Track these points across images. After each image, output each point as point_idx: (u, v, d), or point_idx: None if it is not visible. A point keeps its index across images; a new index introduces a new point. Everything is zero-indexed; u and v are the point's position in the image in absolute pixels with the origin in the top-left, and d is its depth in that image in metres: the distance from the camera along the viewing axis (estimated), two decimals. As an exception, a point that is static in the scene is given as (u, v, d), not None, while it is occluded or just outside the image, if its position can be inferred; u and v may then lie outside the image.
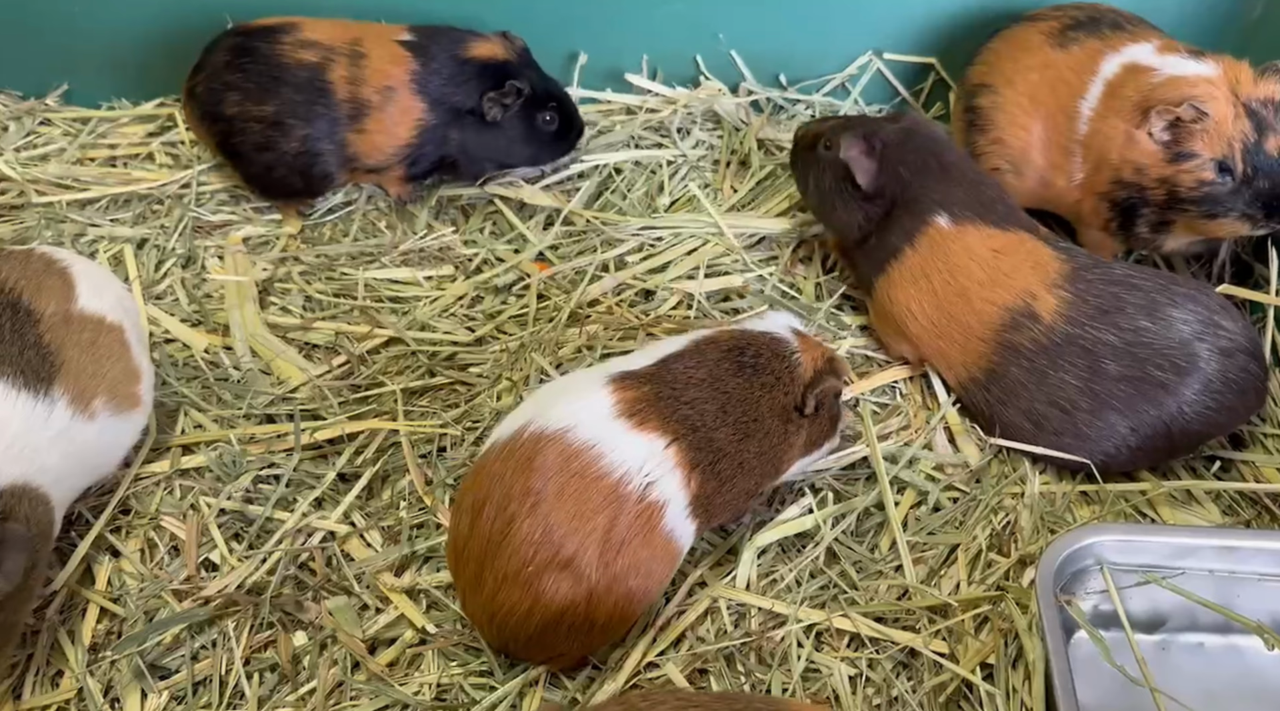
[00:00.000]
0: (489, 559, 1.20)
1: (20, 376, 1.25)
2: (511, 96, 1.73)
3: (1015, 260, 1.48)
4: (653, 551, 1.23)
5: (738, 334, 1.32)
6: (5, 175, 1.84)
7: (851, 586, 1.35)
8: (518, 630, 1.22)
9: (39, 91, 1.98)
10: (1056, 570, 1.21)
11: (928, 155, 1.56)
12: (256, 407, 1.52)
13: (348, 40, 1.73)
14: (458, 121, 1.75)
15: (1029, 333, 1.45)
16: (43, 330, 1.30)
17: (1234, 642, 1.30)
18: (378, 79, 1.71)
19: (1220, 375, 1.40)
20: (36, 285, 1.34)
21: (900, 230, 1.54)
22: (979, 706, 1.23)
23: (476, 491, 1.22)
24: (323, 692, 1.25)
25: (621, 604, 1.22)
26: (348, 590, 1.34)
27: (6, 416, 1.23)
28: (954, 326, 1.50)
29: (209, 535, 1.39)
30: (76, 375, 1.31)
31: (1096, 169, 1.62)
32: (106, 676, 1.27)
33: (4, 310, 1.29)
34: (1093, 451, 1.42)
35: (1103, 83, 1.62)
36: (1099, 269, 1.47)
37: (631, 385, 1.26)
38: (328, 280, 1.73)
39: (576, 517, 1.18)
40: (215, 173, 1.87)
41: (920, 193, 1.54)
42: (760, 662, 1.29)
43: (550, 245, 1.78)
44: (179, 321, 1.65)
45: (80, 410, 1.30)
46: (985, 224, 1.51)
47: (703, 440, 1.26)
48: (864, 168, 1.56)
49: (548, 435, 1.20)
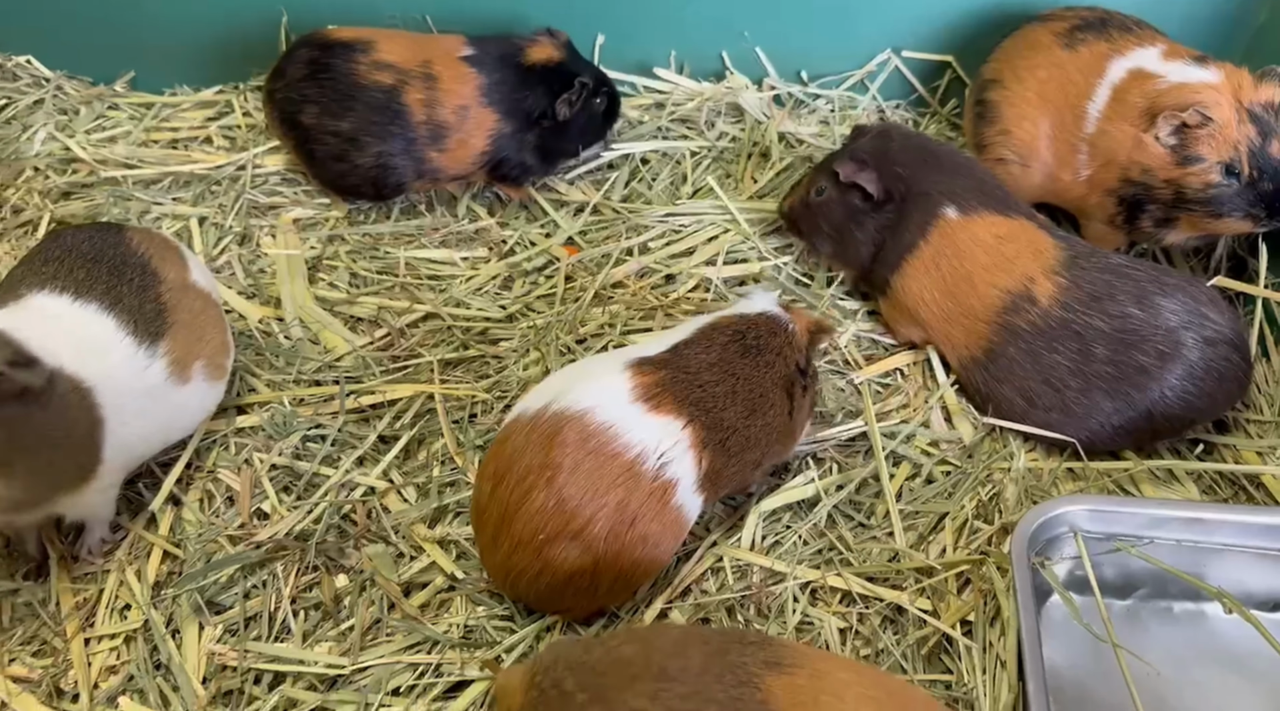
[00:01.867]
0: (505, 524, 1.30)
1: (134, 324, 1.38)
2: (579, 94, 1.84)
3: (1017, 246, 1.56)
4: (663, 525, 1.32)
5: (738, 318, 1.41)
6: (76, 155, 1.98)
7: (847, 548, 1.46)
8: (528, 588, 1.34)
9: (108, 78, 2.12)
10: (1032, 536, 1.31)
11: (913, 148, 1.66)
12: (305, 374, 1.66)
13: (419, 62, 1.82)
14: (532, 125, 1.86)
15: (1026, 315, 1.53)
16: (163, 291, 1.44)
17: (1201, 608, 1.39)
18: (451, 100, 1.82)
19: (1203, 363, 1.48)
20: (160, 254, 1.48)
21: (914, 226, 1.62)
22: (957, 658, 1.33)
23: (499, 461, 1.32)
24: (360, 629, 1.38)
25: (627, 572, 1.32)
26: (385, 539, 1.47)
27: (107, 348, 1.35)
28: (959, 310, 1.59)
29: (261, 487, 1.52)
30: (183, 337, 1.44)
31: (1104, 167, 1.69)
32: (168, 610, 1.40)
33: (135, 268, 1.43)
34: (1079, 428, 1.51)
35: (1110, 87, 1.69)
36: (1095, 257, 1.55)
37: (649, 371, 1.35)
38: (371, 258, 1.85)
39: (590, 492, 1.27)
40: (269, 156, 2.00)
41: (925, 184, 1.62)
42: (759, 614, 1.40)
43: (579, 230, 1.90)
44: (235, 294, 1.78)
45: (178, 371, 1.42)
46: (990, 212, 1.59)
47: (714, 420, 1.36)
48: (868, 178, 1.64)
49: (569, 415, 1.30)
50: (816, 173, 1.75)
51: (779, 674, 1.02)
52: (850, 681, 1.03)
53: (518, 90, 1.84)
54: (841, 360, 1.70)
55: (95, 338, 1.35)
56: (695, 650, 1.06)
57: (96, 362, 1.33)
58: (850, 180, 1.65)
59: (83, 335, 1.34)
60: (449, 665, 1.35)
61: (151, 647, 1.37)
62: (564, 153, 1.93)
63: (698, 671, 1.03)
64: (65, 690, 1.35)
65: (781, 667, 1.03)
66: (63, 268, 1.40)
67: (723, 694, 1.01)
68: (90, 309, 1.37)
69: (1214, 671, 1.34)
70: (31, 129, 2.02)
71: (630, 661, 1.05)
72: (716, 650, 1.06)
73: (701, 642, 1.07)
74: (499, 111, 1.84)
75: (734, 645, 1.07)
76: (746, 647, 1.06)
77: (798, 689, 1.01)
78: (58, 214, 1.88)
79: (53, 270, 1.40)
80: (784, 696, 1.00)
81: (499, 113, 1.84)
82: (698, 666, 1.04)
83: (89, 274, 1.40)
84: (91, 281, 1.39)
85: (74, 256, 1.42)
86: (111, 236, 1.47)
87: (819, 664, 1.05)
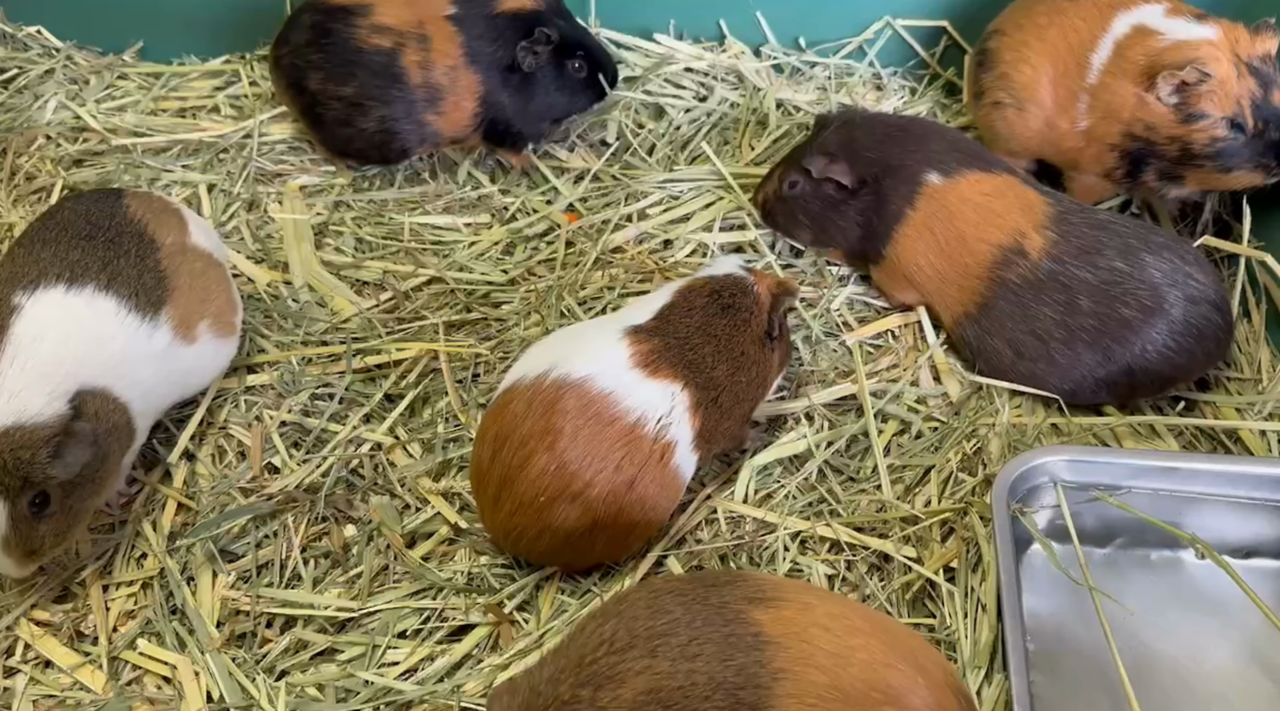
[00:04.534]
0: (507, 486, 1.35)
1: (134, 297, 1.42)
2: (541, 43, 1.82)
3: (1006, 202, 1.59)
4: (661, 486, 1.38)
5: (709, 280, 1.45)
6: (87, 124, 2.03)
7: (836, 501, 1.51)
8: (529, 547, 1.39)
9: (117, 48, 2.15)
10: (1012, 485, 1.36)
11: (878, 129, 1.69)
12: (313, 335, 1.71)
13: (414, 24, 1.83)
14: (506, 82, 1.84)
15: (1017, 268, 1.56)
16: (161, 257, 1.48)
17: (1178, 556, 1.44)
18: (443, 60, 1.82)
19: (1184, 320, 1.52)
20: (158, 219, 1.51)
21: (898, 198, 1.64)
22: (940, 603, 1.39)
23: (500, 425, 1.37)
24: (369, 576, 1.43)
25: (625, 532, 1.37)
26: (391, 492, 1.53)
27: (111, 332, 1.40)
28: (954, 269, 1.62)
29: (272, 442, 1.57)
30: (186, 300, 1.48)
31: (1104, 120, 1.69)
32: (183, 559, 1.46)
33: (131, 237, 1.47)
34: (1062, 379, 1.55)
35: (1113, 41, 1.69)
36: (1083, 213, 1.59)
37: (644, 338, 1.39)
38: (376, 224, 1.90)
39: (590, 456, 1.32)
40: (275, 124, 2.04)
41: (899, 158, 1.65)
42: (750, 562, 1.45)
43: (580, 197, 1.94)
44: (244, 258, 1.83)
45: (184, 333, 1.47)
46: (972, 170, 1.62)
47: (706, 380, 1.41)
48: (840, 171, 1.67)
49: (570, 383, 1.34)
50: (786, 166, 1.76)
51: (764, 608, 1.07)
52: (836, 613, 1.07)
53: (491, 43, 1.83)
54: (836, 324, 1.74)
55: (100, 326, 1.39)
56: (672, 603, 1.08)
57: (108, 353, 1.39)
58: (823, 176, 1.68)
59: (90, 331, 1.38)
60: (453, 610, 1.41)
61: (167, 593, 1.43)
62: (542, 111, 1.90)
63: (686, 621, 1.06)
64: (85, 633, 1.41)
65: (765, 602, 1.07)
66: (59, 250, 1.42)
67: (716, 633, 1.04)
68: (88, 294, 1.40)
69: (1190, 616, 1.39)
70: (43, 98, 2.06)
71: (613, 637, 1.06)
72: (695, 598, 1.08)
73: (676, 595, 1.09)
74: (479, 70, 1.83)
75: (711, 589, 1.09)
76: (724, 588, 1.09)
77: (786, 621, 1.06)
78: (70, 181, 1.92)
79: (50, 253, 1.42)
80: (774, 628, 1.05)
81: (480, 72, 1.83)
82: (683, 616, 1.06)
83: (84, 253, 1.42)
84: (87, 262, 1.42)
85: (70, 235, 1.44)
86: (109, 205, 1.50)
87: (805, 597, 1.09)
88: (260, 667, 1.36)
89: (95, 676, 1.37)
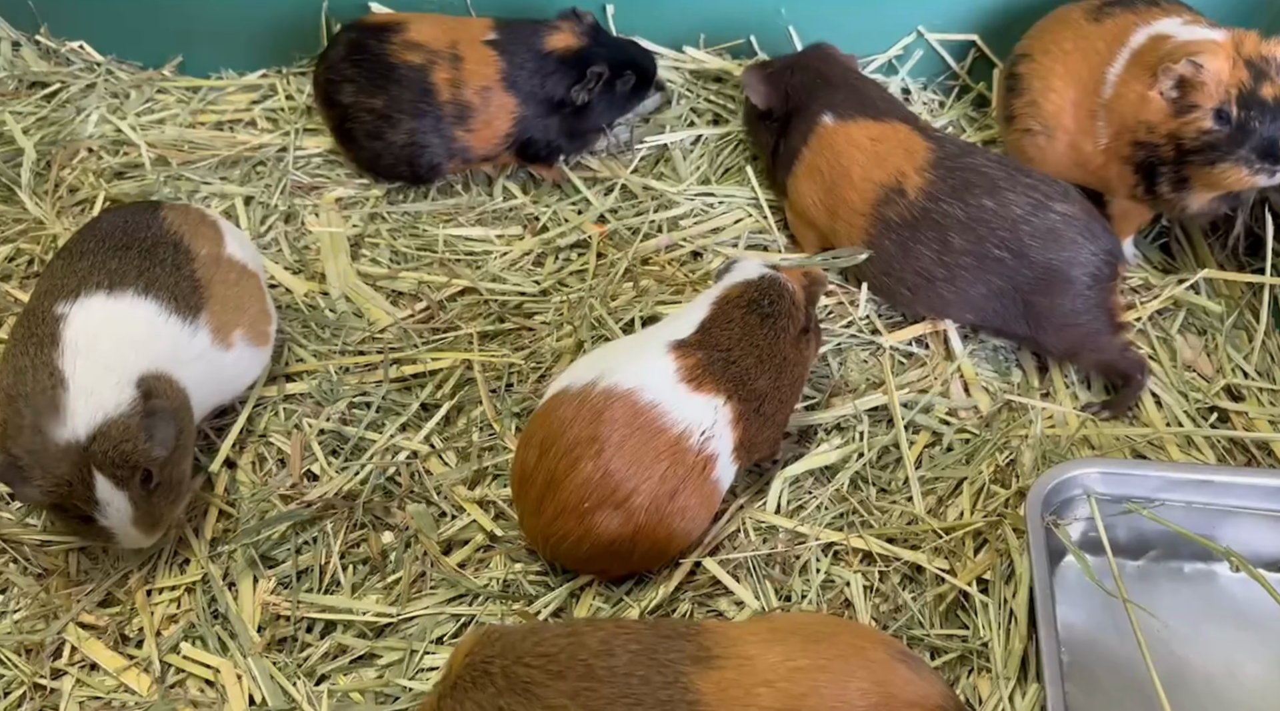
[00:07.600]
0: (550, 491, 1.37)
1: (173, 301, 1.47)
2: (594, 82, 1.90)
3: (890, 146, 1.71)
4: (701, 498, 1.40)
5: (744, 288, 1.47)
6: (128, 138, 2.07)
7: (868, 512, 1.52)
8: (568, 553, 1.41)
9: (156, 63, 2.19)
10: (1046, 497, 1.37)
11: (813, 73, 1.85)
12: (350, 344, 1.73)
13: (447, 43, 1.90)
14: (553, 110, 1.92)
15: (896, 207, 1.66)
16: (197, 267, 1.52)
17: (1211, 569, 1.44)
18: (475, 81, 1.89)
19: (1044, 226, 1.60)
20: (194, 231, 1.56)
21: (798, 135, 1.80)
22: (972, 614, 1.39)
23: (546, 431, 1.39)
24: (407, 581, 1.45)
25: (664, 541, 1.39)
26: (427, 499, 1.55)
27: (159, 331, 1.45)
28: (841, 205, 1.73)
29: (311, 450, 1.60)
30: (221, 308, 1.52)
31: (1118, 133, 1.71)
32: (225, 564, 1.49)
33: (168, 248, 1.51)
34: (961, 311, 1.67)
35: (1130, 52, 1.71)
36: (963, 157, 1.68)
37: (688, 352, 1.42)
38: (411, 236, 1.92)
39: (635, 465, 1.35)
40: (310, 138, 2.07)
41: (808, 102, 1.81)
42: (784, 572, 1.46)
43: (610, 207, 1.96)
44: (282, 269, 1.86)
45: (221, 339, 1.52)
46: (865, 118, 1.76)
47: (749, 392, 1.43)
48: (756, 91, 1.87)
49: (618, 393, 1.36)
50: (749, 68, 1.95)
51: (707, 669, 1.04)
52: (777, 662, 1.05)
53: (536, 76, 1.90)
54: (868, 330, 1.75)
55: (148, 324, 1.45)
56: (623, 649, 1.07)
57: (159, 348, 1.44)
58: (745, 90, 1.89)
59: (140, 327, 1.44)
60: (489, 617, 1.42)
61: (209, 598, 1.46)
62: (591, 132, 1.99)
63: (624, 672, 1.05)
64: (130, 636, 1.44)
65: (710, 662, 1.05)
66: (98, 260, 1.48)
67: (650, 696, 1.03)
68: (129, 298, 1.45)
69: (1224, 629, 1.39)
70: (84, 112, 2.10)
71: (555, 657, 1.06)
72: (645, 648, 1.08)
73: (632, 641, 1.09)
74: (518, 96, 1.90)
75: (663, 641, 1.08)
76: (675, 642, 1.08)
77: (727, 683, 1.03)
78: (111, 193, 1.96)
79: (89, 264, 1.47)
80: (713, 693, 1.02)
81: (518, 97, 1.90)
82: (624, 666, 1.05)
83: (122, 262, 1.48)
84: (125, 270, 1.47)
85: (107, 246, 1.50)
86: (145, 217, 1.55)
87: (747, 649, 1.06)
88: (301, 671, 1.38)
89: (140, 679, 1.39)
